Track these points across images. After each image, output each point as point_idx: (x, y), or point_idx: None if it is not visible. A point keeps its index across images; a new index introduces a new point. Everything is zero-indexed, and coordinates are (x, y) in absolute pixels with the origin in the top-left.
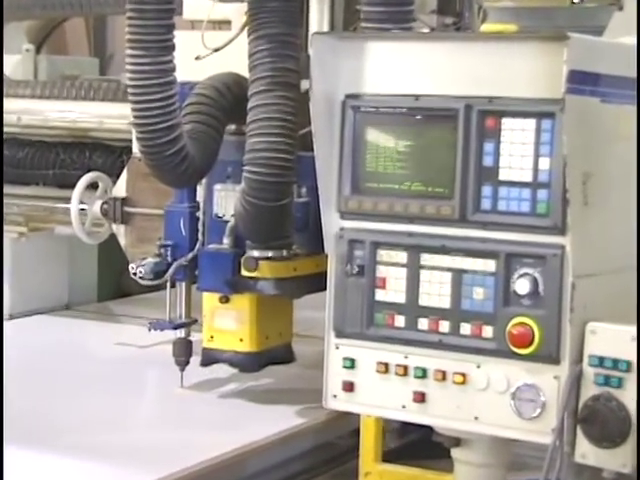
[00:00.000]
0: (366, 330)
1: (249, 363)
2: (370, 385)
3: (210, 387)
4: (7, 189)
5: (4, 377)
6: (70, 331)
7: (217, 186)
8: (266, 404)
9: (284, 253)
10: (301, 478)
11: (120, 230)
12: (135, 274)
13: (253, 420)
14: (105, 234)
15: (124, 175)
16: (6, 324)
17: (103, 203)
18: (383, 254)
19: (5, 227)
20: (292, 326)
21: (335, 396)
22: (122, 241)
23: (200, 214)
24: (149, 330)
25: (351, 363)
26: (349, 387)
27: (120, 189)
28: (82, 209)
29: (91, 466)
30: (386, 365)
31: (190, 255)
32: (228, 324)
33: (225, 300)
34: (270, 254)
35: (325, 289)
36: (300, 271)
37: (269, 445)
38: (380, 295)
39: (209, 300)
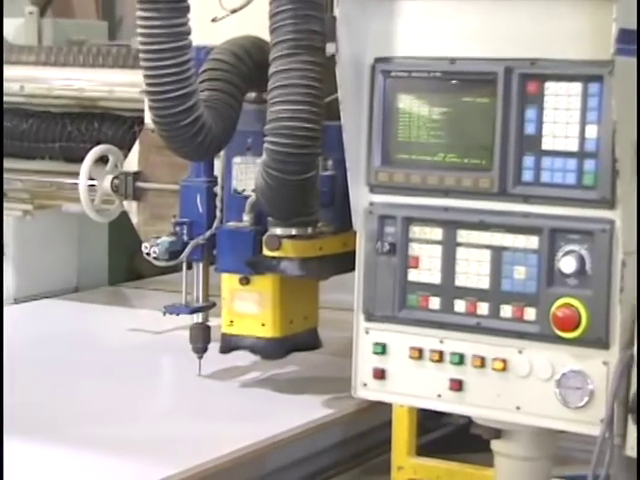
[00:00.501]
0: (398, 313)
1: (272, 350)
2: (403, 372)
3: (230, 376)
4: (10, 163)
5: (10, 365)
6: (79, 316)
7: (236, 159)
8: (291, 394)
9: (309, 231)
10: (329, 473)
11: (132, 207)
12: (149, 254)
13: (277, 411)
14: (116, 211)
15: (136, 148)
16: (11, 309)
17: (114, 178)
18: (416, 231)
19: (9, 204)
20: (318, 310)
21: (365, 384)
22: (134, 219)
23: (218, 189)
24: (164, 315)
25: (382, 349)
26: (380, 374)
27: (132, 163)
28: (91, 185)
29: (103, 459)
30: (420, 351)
31: (208, 233)
32: (249, 308)
33: (246, 282)
34: (294, 232)
35: (353, 269)
36: (326, 250)
37: (294, 438)
38: (413, 275)
39: (228, 282)
